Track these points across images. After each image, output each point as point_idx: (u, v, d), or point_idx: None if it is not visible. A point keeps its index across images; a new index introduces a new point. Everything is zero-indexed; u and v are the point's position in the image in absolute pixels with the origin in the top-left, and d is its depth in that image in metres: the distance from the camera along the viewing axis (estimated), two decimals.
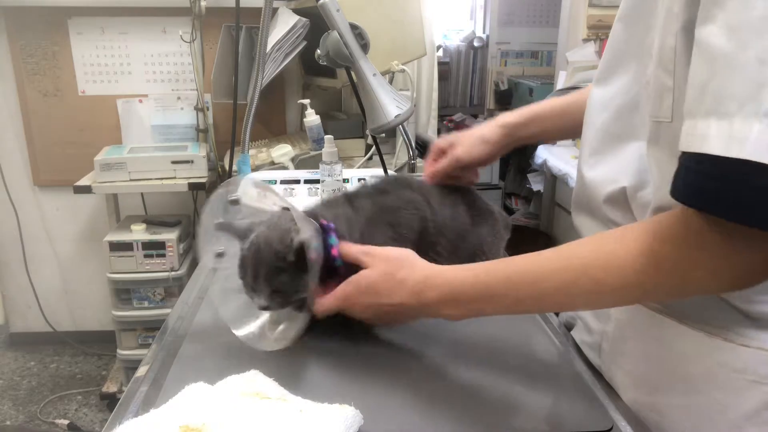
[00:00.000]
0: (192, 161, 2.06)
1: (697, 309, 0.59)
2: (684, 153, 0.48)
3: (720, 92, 0.45)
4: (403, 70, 1.71)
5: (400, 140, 1.94)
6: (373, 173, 1.49)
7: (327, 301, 0.70)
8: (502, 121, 0.90)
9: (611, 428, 0.61)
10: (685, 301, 0.60)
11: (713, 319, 0.58)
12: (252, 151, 1.82)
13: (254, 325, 0.77)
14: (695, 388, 0.59)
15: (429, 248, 0.81)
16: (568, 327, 0.82)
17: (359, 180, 1.45)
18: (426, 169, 0.93)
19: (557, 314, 0.85)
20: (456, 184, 0.93)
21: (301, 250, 0.66)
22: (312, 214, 0.76)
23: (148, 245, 2.04)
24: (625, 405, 0.66)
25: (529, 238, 2.51)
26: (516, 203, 3.06)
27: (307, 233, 0.67)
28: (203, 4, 2.13)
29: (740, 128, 0.44)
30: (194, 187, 2.07)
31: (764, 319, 0.56)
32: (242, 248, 0.71)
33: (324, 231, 0.73)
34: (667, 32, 0.54)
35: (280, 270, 0.68)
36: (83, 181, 2.04)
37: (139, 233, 2.06)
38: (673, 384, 0.62)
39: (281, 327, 0.77)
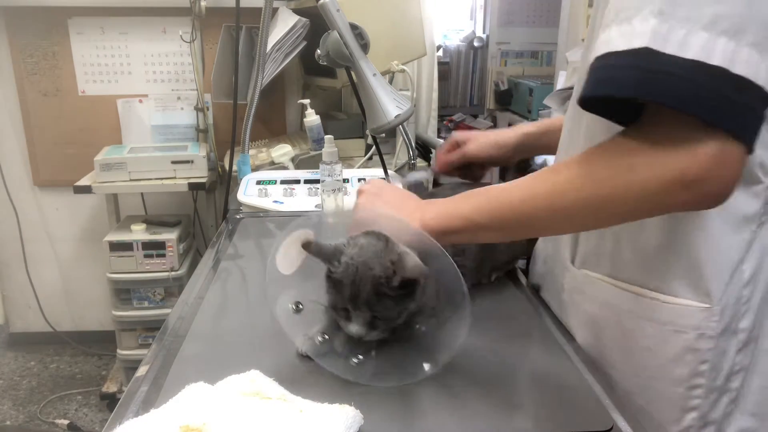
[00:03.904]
0: (192, 161, 2.06)
1: (630, 272, 0.71)
2: (590, 65, 0.56)
3: (621, 4, 0.55)
4: (403, 70, 1.71)
5: (400, 140, 1.93)
6: (374, 173, 1.49)
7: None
8: (523, 130, 0.99)
9: (611, 428, 0.61)
10: (619, 264, 0.72)
11: (643, 281, 0.70)
12: (252, 151, 1.82)
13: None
14: (630, 338, 0.72)
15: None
16: (537, 288, 0.93)
17: (359, 180, 1.45)
18: (438, 159, 1.02)
19: (536, 293, 0.92)
20: (462, 179, 0.97)
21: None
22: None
23: (148, 245, 2.04)
24: (624, 405, 0.66)
25: None
26: None
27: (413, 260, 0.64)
28: (203, 4, 2.13)
29: (639, 26, 0.52)
30: (194, 187, 2.07)
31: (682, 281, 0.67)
32: (334, 272, 0.66)
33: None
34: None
35: (384, 295, 0.64)
36: (83, 181, 2.04)
37: (139, 233, 2.06)
38: (613, 335, 0.74)
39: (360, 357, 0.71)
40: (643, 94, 0.52)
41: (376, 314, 0.65)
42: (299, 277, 0.68)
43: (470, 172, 1.03)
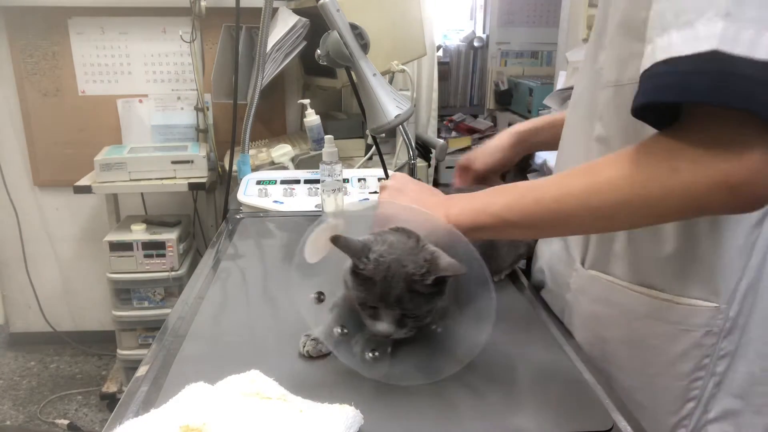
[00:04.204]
0: (192, 161, 2.06)
1: (642, 275, 0.72)
2: (644, 71, 0.54)
3: (678, 7, 0.52)
4: (403, 70, 1.71)
5: (400, 140, 1.93)
6: (374, 173, 1.49)
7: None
8: (515, 129, 1.01)
9: (611, 428, 0.61)
10: (632, 266, 0.73)
11: (655, 282, 0.71)
12: (252, 151, 1.82)
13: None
14: (637, 337, 0.73)
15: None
16: (538, 287, 0.93)
17: (359, 180, 1.45)
18: (454, 188, 1.04)
19: (537, 293, 0.92)
20: None
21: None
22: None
23: (148, 245, 2.04)
24: (623, 401, 0.66)
25: None
26: None
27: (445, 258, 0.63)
28: (203, 4, 2.13)
29: (704, 29, 0.50)
30: (194, 187, 2.07)
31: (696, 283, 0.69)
32: (363, 268, 0.64)
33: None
34: (638, 7, 0.61)
35: (415, 293, 0.63)
36: (83, 181, 2.04)
37: (139, 233, 2.06)
38: (618, 334, 0.75)
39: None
40: (717, 98, 0.50)
41: (406, 312, 0.64)
42: (320, 268, 0.68)
43: (486, 185, 1.04)
